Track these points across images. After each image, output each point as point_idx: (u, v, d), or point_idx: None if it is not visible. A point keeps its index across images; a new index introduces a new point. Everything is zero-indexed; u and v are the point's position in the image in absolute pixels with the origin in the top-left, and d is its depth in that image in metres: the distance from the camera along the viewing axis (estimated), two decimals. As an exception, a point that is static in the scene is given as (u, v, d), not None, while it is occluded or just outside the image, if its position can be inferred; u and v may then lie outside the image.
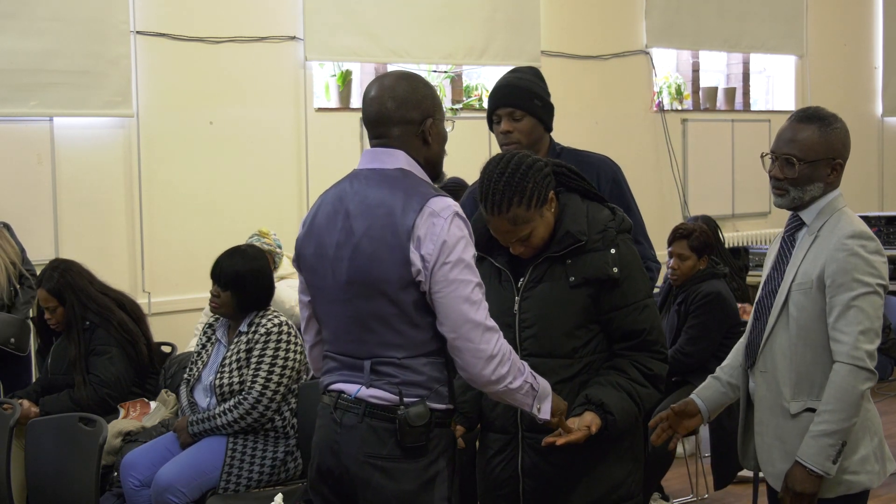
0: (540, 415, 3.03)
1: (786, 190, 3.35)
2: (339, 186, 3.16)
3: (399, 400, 2.93)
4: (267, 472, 4.78)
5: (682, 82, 10.12)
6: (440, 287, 2.88)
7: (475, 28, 8.38)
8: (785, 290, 3.30)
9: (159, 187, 7.13)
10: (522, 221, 3.14)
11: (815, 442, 3.16)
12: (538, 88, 3.99)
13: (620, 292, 3.20)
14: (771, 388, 3.33)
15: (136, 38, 6.97)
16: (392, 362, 2.95)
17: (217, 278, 4.89)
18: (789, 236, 3.42)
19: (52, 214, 6.74)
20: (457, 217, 2.93)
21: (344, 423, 2.99)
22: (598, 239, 3.20)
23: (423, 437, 2.93)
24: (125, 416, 5.33)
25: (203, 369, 4.97)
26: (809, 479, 3.17)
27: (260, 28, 7.48)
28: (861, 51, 11.59)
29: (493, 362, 2.89)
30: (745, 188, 10.28)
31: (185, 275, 6.74)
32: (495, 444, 3.33)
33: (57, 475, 4.53)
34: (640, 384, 3.22)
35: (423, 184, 3.02)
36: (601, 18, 9.36)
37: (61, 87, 6.69)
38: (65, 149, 6.81)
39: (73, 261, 5.63)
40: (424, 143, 3.09)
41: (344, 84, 7.99)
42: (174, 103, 7.17)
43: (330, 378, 3.09)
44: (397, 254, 2.90)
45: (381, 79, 3.13)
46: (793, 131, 3.34)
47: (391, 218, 2.93)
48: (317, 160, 7.71)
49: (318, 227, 3.11)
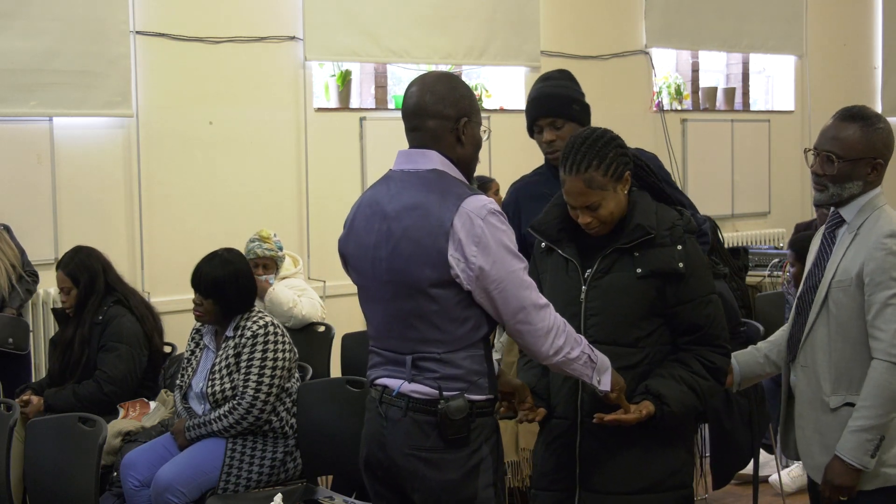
0: (600, 386, 3.16)
1: (825, 186, 3.40)
2: (375, 188, 3.24)
3: (439, 394, 3.05)
4: (266, 472, 4.77)
5: (681, 82, 10.13)
6: (495, 285, 3.00)
7: (475, 28, 8.38)
8: (825, 286, 3.38)
9: (159, 187, 7.13)
10: (597, 186, 3.25)
11: (854, 436, 3.25)
12: (574, 93, 4.11)
13: (686, 287, 3.30)
14: (811, 383, 3.41)
15: (135, 38, 6.97)
16: (432, 357, 3.07)
17: (197, 287, 4.88)
18: (830, 233, 3.48)
19: (52, 214, 6.74)
20: (492, 214, 3.02)
21: (389, 417, 3.13)
22: (666, 235, 3.31)
23: (464, 428, 3.05)
24: (125, 416, 5.32)
25: (193, 376, 4.95)
26: (848, 473, 3.26)
27: (259, 28, 7.48)
28: (860, 51, 11.59)
29: (549, 336, 3.05)
30: (745, 188, 10.29)
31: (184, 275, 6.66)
32: (556, 429, 3.41)
33: (56, 475, 4.52)
34: (702, 377, 3.32)
35: (458, 184, 3.11)
36: (601, 18, 9.36)
37: (61, 87, 6.69)
38: (64, 149, 6.81)
39: (94, 248, 5.67)
40: (458, 142, 3.17)
41: (343, 84, 7.99)
42: (174, 103, 7.18)
43: (375, 373, 3.25)
44: (434, 255, 3.00)
45: (423, 76, 3.26)
46: (835, 129, 3.39)
47: (428, 219, 3.02)
48: (316, 160, 7.71)
49: (357, 228, 3.21)
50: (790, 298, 6.67)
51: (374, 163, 7.84)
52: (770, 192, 10.64)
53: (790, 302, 6.66)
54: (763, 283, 8.56)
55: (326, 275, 7.65)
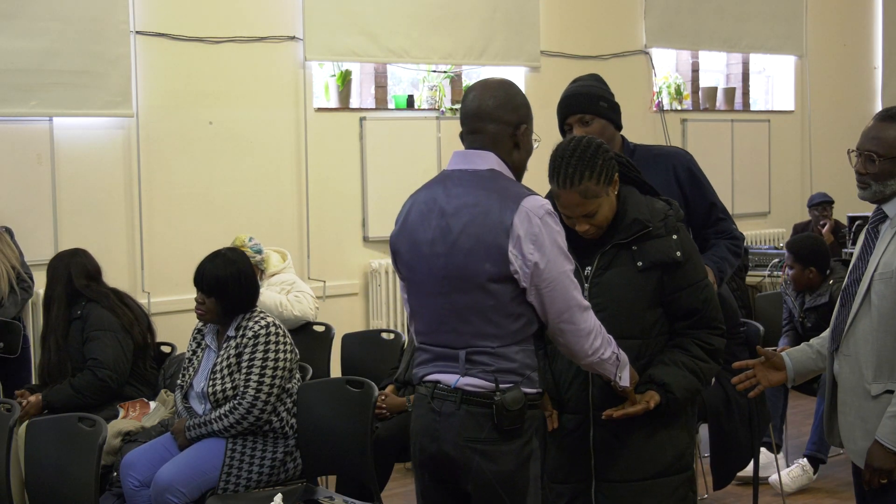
0: (621, 382, 3.29)
1: (868, 184, 3.53)
2: (430, 187, 3.31)
3: (495, 386, 3.13)
4: (266, 472, 4.77)
5: (681, 82, 10.13)
6: (547, 283, 3.11)
7: (474, 28, 8.38)
8: (868, 279, 3.48)
9: (159, 187, 7.13)
10: (592, 195, 3.34)
11: (892, 422, 3.37)
12: (601, 91, 4.20)
13: (683, 274, 3.44)
14: (854, 371, 3.51)
15: (135, 38, 6.98)
16: (486, 351, 3.15)
17: (200, 285, 4.88)
18: (873, 228, 3.59)
19: (52, 214, 6.75)
20: (549, 214, 3.13)
21: (442, 411, 3.19)
22: (661, 226, 3.44)
23: (518, 419, 3.14)
24: (125, 416, 5.33)
25: (195, 376, 4.96)
26: (887, 457, 3.38)
27: (259, 28, 7.49)
28: (860, 51, 11.60)
29: (590, 337, 3.17)
30: (745, 188, 10.29)
31: (184, 275, 6.67)
32: (569, 424, 3.50)
33: (56, 475, 4.52)
34: (702, 360, 3.47)
35: (516, 184, 3.22)
36: (600, 18, 9.37)
37: (61, 87, 6.70)
38: (64, 149, 6.82)
39: (83, 250, 5.72)
40: (515, 147, 3.27)
41: (343, 84, 7.99)
42: (174, 103, 7.18)
43: (424, 370, 3.29)
44: (494, 251, 3.09)
45: (485, 81, 3.35)
46: (876, 129, 3.52)
47: (488, 217, 3.11)
48: (316, 160, 7.71)
49: (412, 225, 3.28)
50: (788, 300, 6.68)
51: (374, 162, 7.85)
52: (770, 192, 10.65)
53: (788, 304, 6.67)
54: (763, 283, 8.58)
55: (326, 275, 7.65)
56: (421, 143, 8.02)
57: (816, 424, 6.24)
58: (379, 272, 7.81)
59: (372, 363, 6.02)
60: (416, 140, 8.02)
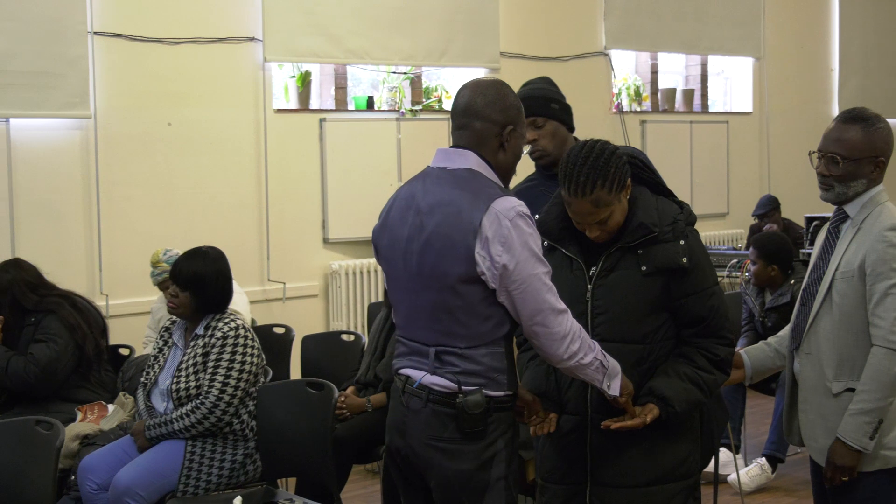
0: (609, 391, 3.25)
1: (831, 185, 3.56)
2: (412, 183, 3.35)
3: (458, 388, 3.16)
4: (226, 474, 4.76)
5: (640, 84, 10.18)
6: (517, 285, 3.11)
7: (435, 30, 8.38)
8: (829, 278, 3.52)
9: (117, 189, 7.08)
10: (604, 204, 3.28)
11: (854, 419, 3.42)
12: (552, 93, 4.20)
13: (690, 281, 3.36)
14: (815, 369, 3.56)
15: (93, 39, 6.93)
16: (454, 352, 3.18)
17: (176, 278, 4.88)
18: (834, 228, 3.62)
19: (9, 216, 6.68)
20: (520, 216, 3.12)
21: (411, 406, 3.25)
22: (668, 230, 3.37)
23: (480, 422, 3.17)
24: (83, 419, 5.29)
25: (160, 373, 4.94)
26: (849, 454, 3.44)
27: (219, 29, 7.45)
28: (817, 53, 11.70)
29: (566, 341, 3.14)
30: (704, 189, 10.35)
31: (143, 277, 6.67)
32: (566, 425, 3.47)
33: (13, 479, 4.48)
34: (705, 371, 3.39)
35: (491, 184, 3.21)
36: (560, 20, 9.40)
37: (18, 88, 6.63)
38: (21, 150, 6.76)
39: (22, 260, 5.62)
40: (500, 148, 3.28)
41: (303, 85, 7.97)
42: (132, 104, 7.14)
43: (400, 362, 3.35)
44: (462, 251, 3.12)
45: (478, 80, 3.41)
46: (838, 131, 3.54)
47: (459, 217, 3.13)
48: (276, 161, 7.69)
49: (392, 220, 3.33)
50: (748, 299, 6.72)
51: (334, 164, 7.83)
52: (729, 193, 10.72)
53: (748, 303, 6.71)
54: (722, 283, 8.62)
55: (286, 276, 7.63)
56: (381, 145, 7.99)
57: (775, 424, 6.29)
58: (339, 274, 7.78)
59: (332, 365, 6.02)
60: (376, 141, 7.99)
